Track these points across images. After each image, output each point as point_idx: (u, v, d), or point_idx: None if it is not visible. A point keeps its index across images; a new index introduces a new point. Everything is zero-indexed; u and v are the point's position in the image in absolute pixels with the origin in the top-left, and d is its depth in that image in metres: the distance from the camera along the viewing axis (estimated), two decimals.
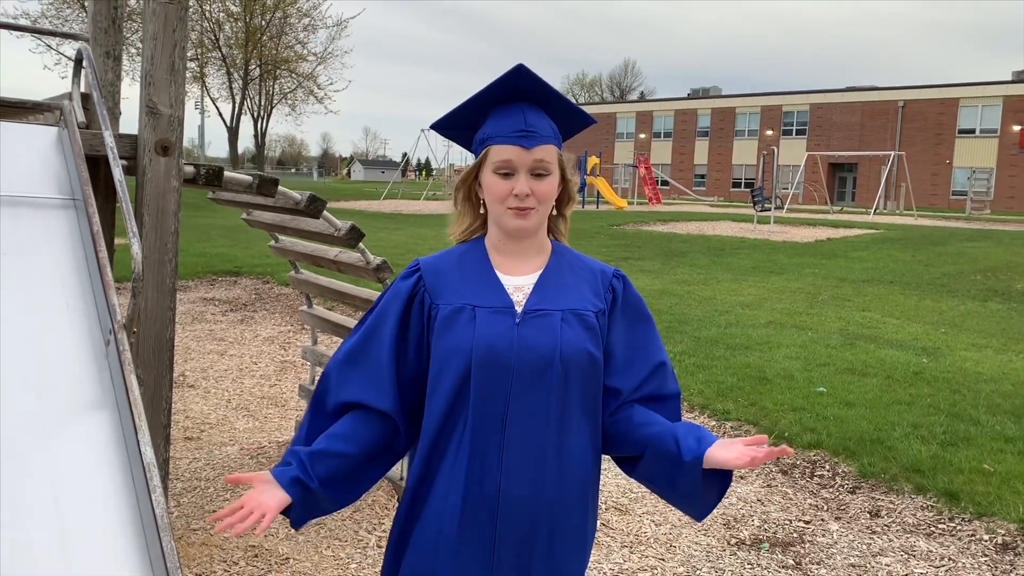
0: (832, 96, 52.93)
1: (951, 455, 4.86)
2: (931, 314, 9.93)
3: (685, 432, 1.70)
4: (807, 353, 7.40)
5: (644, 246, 17.57)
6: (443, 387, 1.67)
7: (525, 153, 1.67)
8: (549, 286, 1.71)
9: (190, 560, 3.48)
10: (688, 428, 1.72)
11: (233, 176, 3.25)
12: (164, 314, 2.98)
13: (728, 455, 1.64)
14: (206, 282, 11.04)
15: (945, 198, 47.46)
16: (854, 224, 26.56)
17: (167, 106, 2.92)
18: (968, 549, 3.87)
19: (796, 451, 5.03)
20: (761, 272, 13.54)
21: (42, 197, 2.57)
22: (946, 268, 14.64)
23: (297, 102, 47.32)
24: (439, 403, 1.68)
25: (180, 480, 4.41)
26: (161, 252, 2.96)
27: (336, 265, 4.45)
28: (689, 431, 1.70)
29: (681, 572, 3.59)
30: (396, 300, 1.73)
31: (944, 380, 6.56)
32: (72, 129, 2.73)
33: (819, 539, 3.97)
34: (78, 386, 2.12)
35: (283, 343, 7.87)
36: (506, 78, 1.69)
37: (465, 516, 1.65)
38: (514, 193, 1.66)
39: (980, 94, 47.30)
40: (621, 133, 62.63)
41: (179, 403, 5.77)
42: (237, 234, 16.18)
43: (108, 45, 3.42)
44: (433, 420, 1.69)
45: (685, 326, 8.53)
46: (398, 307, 1.72)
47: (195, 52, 42.33)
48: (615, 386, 1.74)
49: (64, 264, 2.40)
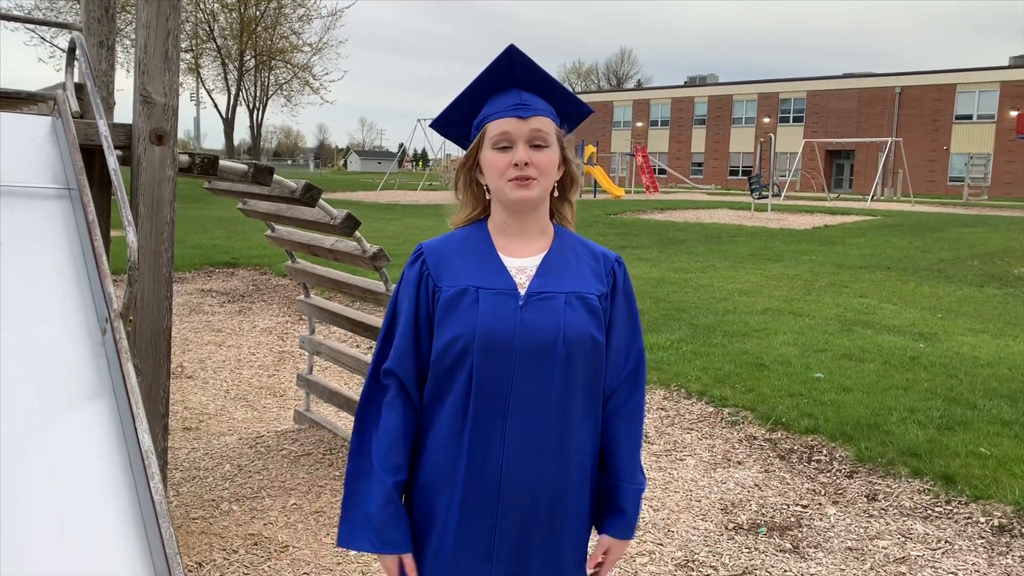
0: (829, 83, 52.84)
1: (948, 439, 4.88)
2: (928, 299, 9.94)
3: (611, 506, 1.81)
4: (804, 339, 7.41)
5: (641, 234, 17.57)
6: (445, 368, 1.68)
7: (522, 123, 1.67)
8: (552, 268, 1.72)
9: (190, 548, 3.50)
10: (617, 502, 1.80)
11: (228, 165, 3.24)
12: (161, 303, 2.98)
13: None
14: (203, 273, 11.03)
15: (942, 184, 47.46)
16: (851, 211, 26.56)
17: (161, 95, 2.92)
18: (964, 532, 3.89)
19: (794, 436, 5.05)
20: (759, 259, 13.54)
21: (37, 187, 2.56)
22: (943, 254, 14.66)
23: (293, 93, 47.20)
24: (441, 384, 1.69)
25: (179, 470, 4.42)
26: (157, 241, 2.96)
27: (333, 254, 4.45)
28: (615, 508, 1.80)
29: (679, 556, 3.61)
30: (408, 287, 1.75)
31: (941, 365, 6.58)
32: (66, 119, 2.73)
33: (816, 523, 3.98)
34: (75, 375, 2.12)
35: (281, 333, 7.87)
36: (499, 62, 1.70)
37: (467, 497, 1.67)
38: (513, 162, 1.66)
39: (977, 80, 47.23)
40: (618, 121, 62.51)
41: (178, 394, 5.78)
42: (234, 226, 16.16)
43: (101, 35, 3.40)
44: (435, 401, 1.70)
45: (683, 314, 8.53)
46: (412, 294, 1.74)
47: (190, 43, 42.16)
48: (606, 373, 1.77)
49: (60, 254, 2.40)
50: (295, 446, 4.84)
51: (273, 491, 4.16)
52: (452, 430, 1.68)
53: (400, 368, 1.71)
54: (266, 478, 4.33)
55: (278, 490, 4.18)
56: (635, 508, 1.80)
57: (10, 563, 1.71)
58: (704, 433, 5.21)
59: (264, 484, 4.25)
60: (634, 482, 1.79)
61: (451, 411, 1.68)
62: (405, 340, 1.72)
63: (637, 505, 1.81)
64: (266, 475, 4.38)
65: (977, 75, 47.37)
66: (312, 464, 4.55)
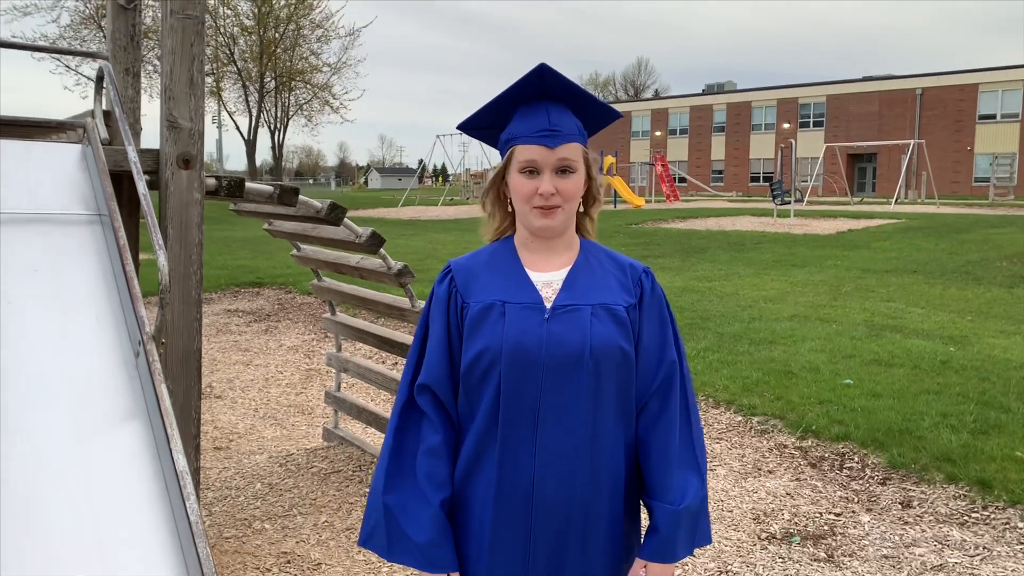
0: (849, 86, 52.48)
1: (982, 443, 4.81)
2: (957, 302, 9.82)
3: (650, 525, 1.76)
4: (832, 345, 7.35)
5: (663, 244, 17.52)
6: (474, 382, 1.69)
7: (549, 153, 1.68)
8: (578, 282, 1.73)
9: (224, 568, 3.52)
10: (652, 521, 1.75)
11: (254, 187, 3.29)
12: (191, 325, 3.01)
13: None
14: (229, 294, 11.13)
15: (967, 185, 46.89)
16: (875, 214, 26.32)
17: (187, 120, 2.96)
18: (1003, 537, 3.83)
19: (825, 444, 5.00)
20: (783, 266, 13.45)
21: (69, 213, 2.61)
22: (971, 255, 14.47)
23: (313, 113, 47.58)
24: (471, 399, 1.70)
25: (211, 489, 4.45)
26: (186, 264, 3.00)
27: (358, 271, 4.49)
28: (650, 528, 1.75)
29: (712, 568, 3.58)
30: (439, 304, 1.76)
31: (972, 368, 6.49)
32: (96, 146, 2.78)
33: (851, 531, 3.94)
34: (110, 397, 2.15)
35: (307, 351, 7.92)
36: (529, 78, 1.71)
37: (499, 513, 1.67)
38: (539, 192, 1.68)
39: (1000, 79, 46.70)
40: (636, 131, 62.44)
41: (207, 414, 5.83)
42: (258, 245, 16.31)
43: (127, 62, 3.47)
44: (466, 416, 1.71)
45: (708, 322, 8.49)
46: (442, 310, 1.75)
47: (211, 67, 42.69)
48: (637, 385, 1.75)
49: (92, 278, 2.44)
50: (325, 463, 4.86)
51: (304, 509, 4.18)
52: (483, 444, 1.69)
53: (436, 383, 1.71)
54: (297, 496, 4.36)
55: (309, 508, 4.20)
56: (671, 529, 1.71)
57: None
58: (734, 442, 5.18)
59: (295, 502, 4.27)
60: (666, 500, 1.71)
61: (481, 425, 1.68)
62: (440, 356, 1.72)
63: (675, 526, 1.71)
64: (297, 493, 4.40)
65: (999, 74, 46.85)
66: (342, 481, 4.57)
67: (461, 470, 1.72)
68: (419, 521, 1.67)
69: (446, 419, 1.72)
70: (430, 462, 1.70)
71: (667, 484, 1.73)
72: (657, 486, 1.74)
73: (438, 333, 1.74)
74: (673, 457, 1.74)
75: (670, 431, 1.75)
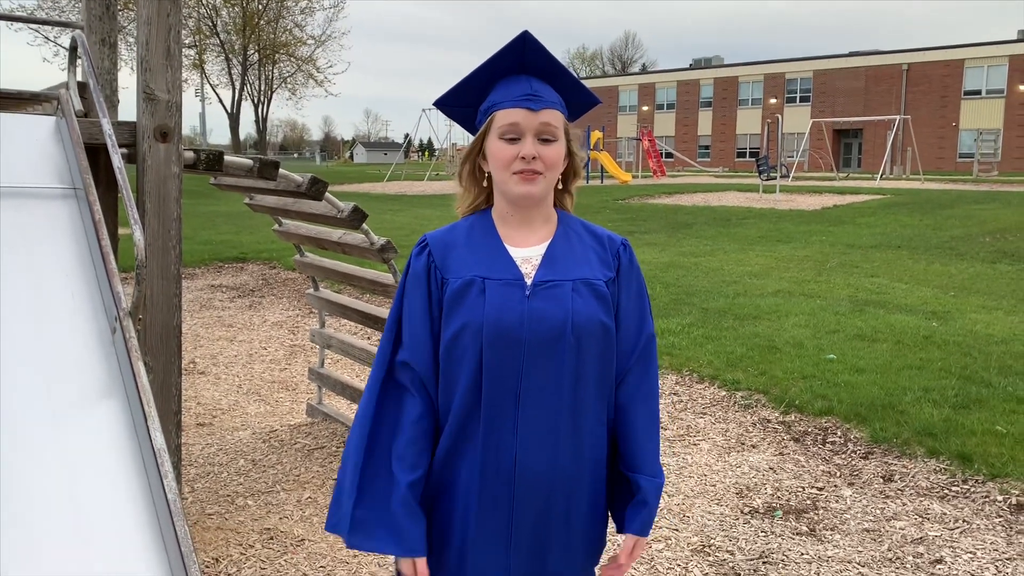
0: (835, 62, 52.42)
1: (963, 418, 4.85)
2: (940, 278, 9.88)
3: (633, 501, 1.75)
4: (816, 321, 7.38)
5: (650, 219, 17.51)
6: (455, 361, 1.66)
7: (532, 115, 1.65)
8: (558, 256, 1.70)
9: (206, 544, 3.51)
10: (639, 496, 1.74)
11: (234, 160, 3.23)
12: (170, 301, 2.98)
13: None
14: (212, 269, 11.05)
15: (952, 161, 47.08)
16: (861, 190, 26.40)
17: (164, 91, 2.90)
18: (982, 511, 3.87)
19: (808, 418, 5.03)
20: (768, 241, 13.48)
21: (43, 187, 2.56)
22: (954, 231, 14.55)
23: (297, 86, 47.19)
24: (452, 378, 1.67)
25: (194, 466, 4.44)
26: (165, 239, 2.96)
27: (340, 247, 4.45)
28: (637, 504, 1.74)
29: (695, 542, 3.60)
30: (417, 279, 1.72)
31: (955, 343, 6.53)
32: (70, 118, 2.72)
33: (833, 505, 3.97)
34: (86, 375, 2.12)
35: (292, 327, 7.88)
36: (512, 47, 1.67)
37: (483, 491, 1.65)
38: (520, 155, 1.64)
39: (986, 54, 46.76)
40: (624, 106, 62.22)
41: (190, 390, 5.80)
42: (242, 221, 16.19)
43: (103, 32, 3.39)
44: (446, 395, 1.69)
45: (693, 297, 8.50)
46: (422, 284, 1.71)
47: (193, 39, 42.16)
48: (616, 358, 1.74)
49: (67, 253, 2.40)
50: (308, 440, 4.85)
51: (288, 485, 4.17)
52: (465, 422, 1.66)
53: (418, 361, 1.68)
54: (280, 472, 4.35)
55: (293, 484, 4.19)
56: (656, 501, 1.76)
57: (26, 562, 1.72)
58: (717, 417, 5.20)
59: (279, 478, 4.26)
60: (656, 476, 1.74)
61: (463, 403, 1.66)
62: (423, 333, 1.68)
63: (658, 498, 1.76)
64: (280, 469, 4.39)
65: (985, 49, 46.89)
66: (326, 457, 4.56)
67: (442, 452, 1.70)
68: (393, 499, 1.64)
69: (427, 399, 1.69)
70: (409, 441, 1.67)
71: (649, 456, 1.74)
72: (640, 458, 1.74)
73: (419, 309, 1.70)
74: (653, 429, 1.77)
75: (650, 402, 1.76)
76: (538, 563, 1.69)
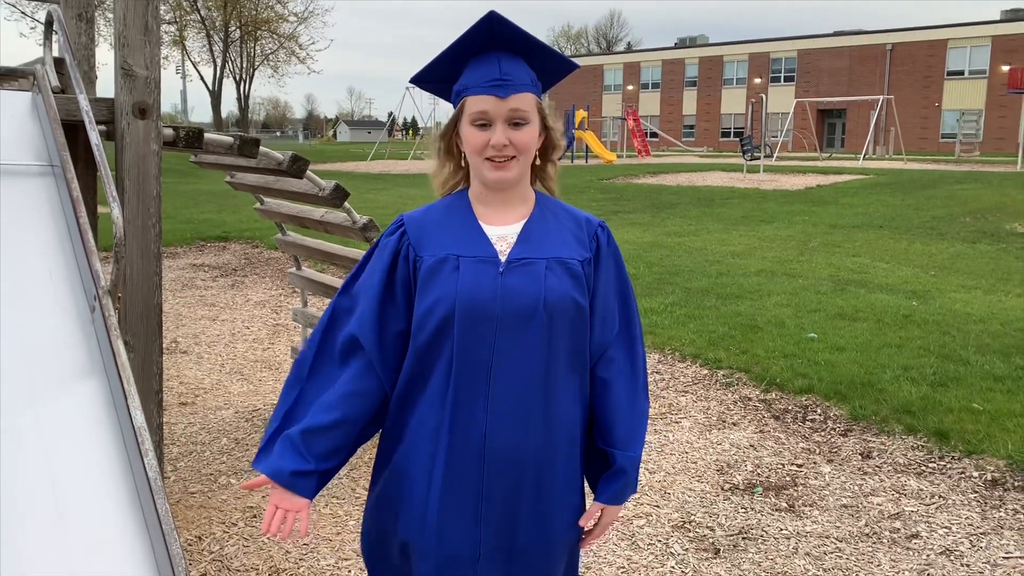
0: (820, 41, 52.43)
1: (941, 395, 4.91)
2: (921, 257, 9.96)
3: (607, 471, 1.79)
4: (798, 300, 7.43)
5: (634, 199, 17.52)
6: (427, 337, 1.67)
7: (500, 103, 1.65)
8: (533, 235, 1.71)
9: (189, 523, 3.51)
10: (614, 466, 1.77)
11: (214, 137, 3.21)
12: (150, 279, 2.96)
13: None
14: (195, 248, 10.98)
15: (934, 141, 47.32)
16: (844, 170, 26.50)
17: (143, 68, 2.87)
18: (958, 487, 3.93)
19: (788, 396, 5.08)
20: (751, 221, 13.53)
21: (20, 164, 2.53)
22: (936, 211, 14.65)
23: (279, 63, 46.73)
24: (423, 354, 1.68)
25: (176, 445, 4.43)
26: (144, 217, 2.94)
27: (322, 226, 4.43)
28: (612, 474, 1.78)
29: (676, 518, 3.64)
30: (382, 255, 1.74)
31: (934, 322, 6.60)
32: (46, 94, 2.68)
33: (812, 482, 4.02)
34: (65, 354, 2.11)
35: (274, 307, 7.86)
36: (478, 27, 1.66)
37: (451, 464, 1.66)
38: (491, 144, 1.65)
39: (969, 35, 46.90)
40: (609, 85, 62.03)
41: (172, 369, 5.78)
42: (224, 199, 16.06)
43: (80, 7, 3.34)
44: (418, 372, 1.69)
45: (676, 277, 8.54)
46: (384, 262, 1.72)
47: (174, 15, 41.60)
48: (593, 338, 1.75)
49: (45, 232, 2.37)
50: None
51: None
52: (435, 398, 1.67)
53: (364, 334, 1.70)
54: None
55: None
56: (634, 473, 1.78)
57: (6, 543, 1.71)
58: (699, 395, 5.24)
59: None
60: (629, 449, 1.76)
61: (434, 380, 1.67)
62: (371, 307, 1.71)
63: (636, 471, 1.78)
64: None
65: (968, 30, 47.03)
66: None
67: (412, 425, 1.71)
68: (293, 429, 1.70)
69: (369, 372, 1.71)
70: (325, 399, 1.70)
71: (625, 431, 1.76)
72: (615, 433, 1.76)
73: (374, 287, 1.72)
74: (635, 405, 1.79)
75: (633, 378, 1.79)
76: (508, 537, 1.70)
